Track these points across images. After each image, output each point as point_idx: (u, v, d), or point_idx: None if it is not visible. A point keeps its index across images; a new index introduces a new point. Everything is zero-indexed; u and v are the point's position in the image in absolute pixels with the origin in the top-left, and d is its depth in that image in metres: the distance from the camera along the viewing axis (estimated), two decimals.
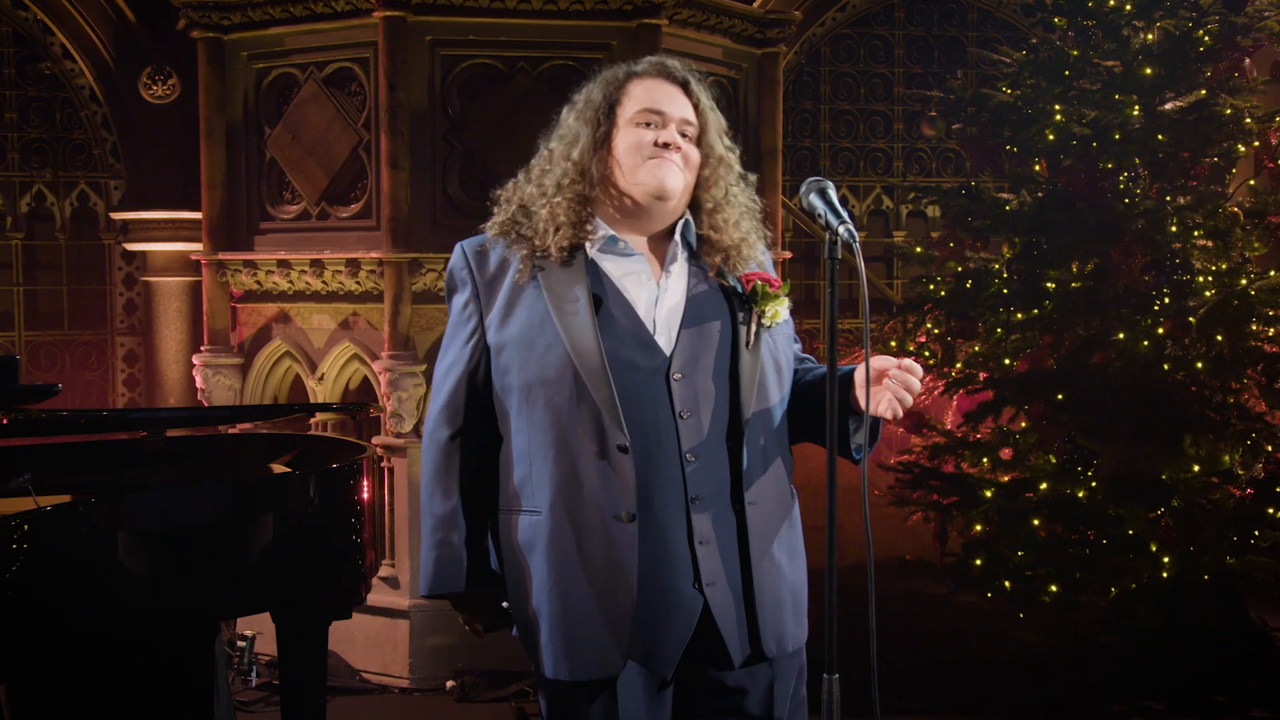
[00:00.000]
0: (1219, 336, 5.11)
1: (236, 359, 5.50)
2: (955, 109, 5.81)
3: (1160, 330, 5.12)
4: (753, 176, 2.45)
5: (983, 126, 5.66)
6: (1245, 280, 5.15)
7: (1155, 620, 5.11)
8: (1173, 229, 5.19)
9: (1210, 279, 5.21)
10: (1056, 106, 5.31)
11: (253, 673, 5.02)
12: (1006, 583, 5.27)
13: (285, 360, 5.51)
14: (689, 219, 2.36)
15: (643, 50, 4.95)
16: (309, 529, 3.54)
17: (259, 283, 5.40)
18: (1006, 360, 5.53)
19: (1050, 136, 5.31)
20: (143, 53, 7.51)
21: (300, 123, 5.28)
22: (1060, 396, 5.24)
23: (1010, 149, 5.58)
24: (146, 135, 7.58)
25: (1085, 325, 5.36)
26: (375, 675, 5.20)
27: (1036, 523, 5.23)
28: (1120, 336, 5.21)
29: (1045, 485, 5.31)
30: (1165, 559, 5.00)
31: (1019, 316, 5.40)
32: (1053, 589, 5.15)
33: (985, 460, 5.60)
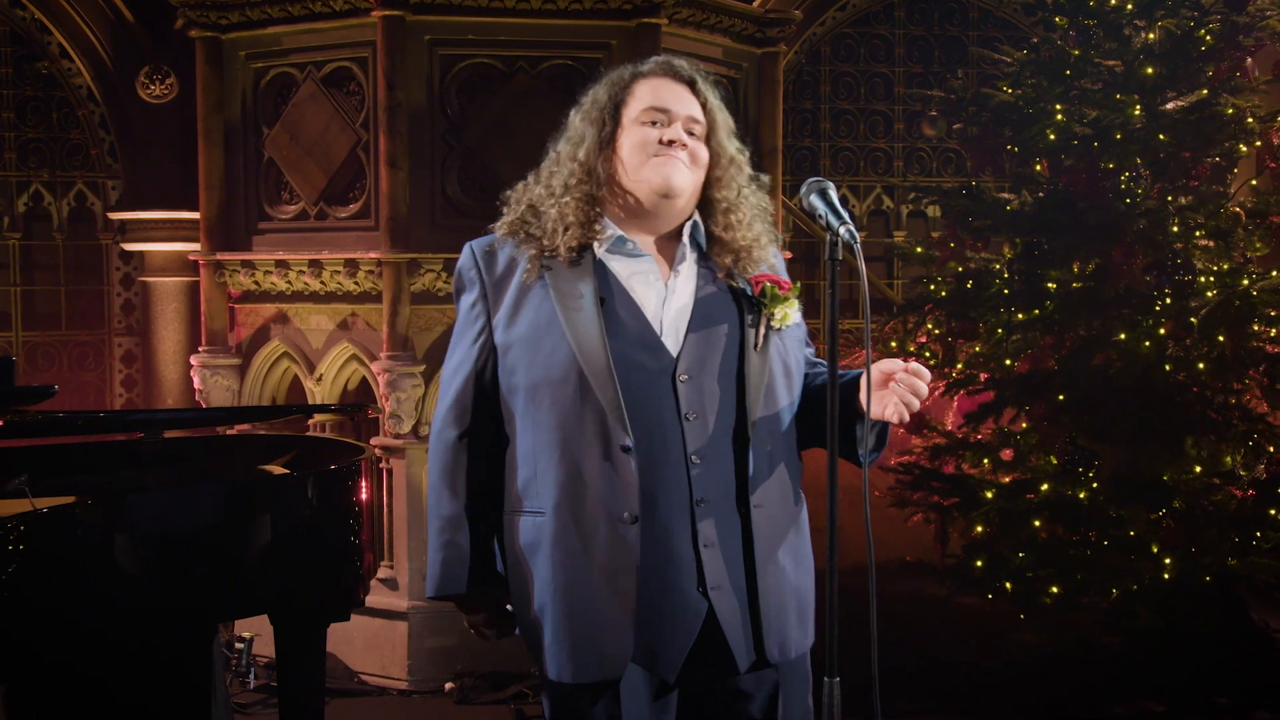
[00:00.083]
0: (1221, 337, 5.09)
1: (234, 360, 5.49)
2: (956, 108, 5.80)
3: (1162, 331, 5.11)
4: (765, 177, 2.43)
5: (983, 126, 5.65)
6: (1247, 280, 5.14)
7: (1157, 622, 5.09)
8: (1174, 229, 5.18)
9: (1212, 279, 5.20)
10: (1058, 106, 5.30)
11: (251, 674, 5.01)
12: (1007, 584, 5.26)
13: (283, 361, 5.49)
14: (698, 220, 2.34)
15: (642, 50, 4.95)
16: (307, 531, 3.53)
17: (257, 283, 5.38)
18: (1007, 361, 5.52)
19: (1051, 136, 5.29)
20: (141, 52, 7.49)
21: (298, 122, 5.26)
22: (1061, 397, 5.22)
23: (1011, 149, 5.57)
24: (144, 135, 7.56)
25: (1086, 326, 5.35)
26: (374, 677, 5.19)
27: (1037, 524, 5.22)
28: (1122, 337, 5.20)
29: (1046, 486, 5.30)
30: (1167, 560, 4.99)
31: (1020, 317, 5.39)
32: (1054, 590, 5.14)
33: (986, 461, 5.60)
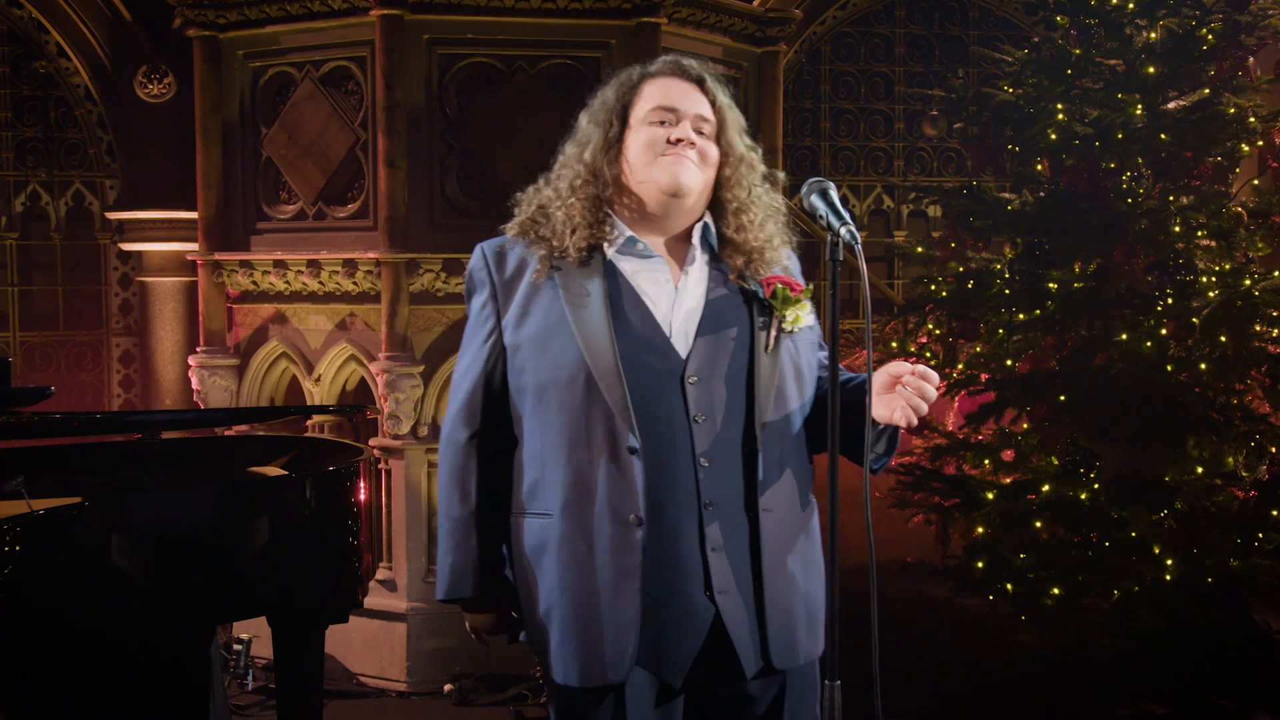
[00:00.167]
0: (1222, 337, 5.08)
1: (233, 360, 5.47)
2: (957, 108, 5.79)
3: (1163, 331, 5.09)
4: (780, 175, 2.40)
5: (984, 126, 5.63)
6: (1249, 281, 5.12)
7: (1158, 623, 5.08)
8: (1176, 229, 5.17)
9: (1214, 279, 5.18)
10: (1059, 105, 5.29)
11: (249, 676, 5.00)
12: (1008, 585, 5.25)
13: (282, 361, 5.48)
14: (708, 222, 2.33)
15: (642, 49, 4.93)
16: (305, 532, 3.52)
17: (255, 283, 5.37)
18: (1008, 361, 5.51)
19: (1052, 136, 5.28)
20: (138, 51, 7.47)
21: (297, 122, 5.25)
22: (1062, 398, 5.21)
23: (1012, 148, 5.56)
24: (142, 134, 7.53)
25: (1088, 326, 5.33)
26: (372, 679, 5.17)
27: (1038, 525, 5.21)
28: (1123, 337, 5.18)
29: (1047, 487, 5.29)
30: (1168, 561, 4.98)
31: (1021, 317, 5.38)
32: (1055, 591, 5.13)
33: (987, 462, 5.59)
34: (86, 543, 3.10)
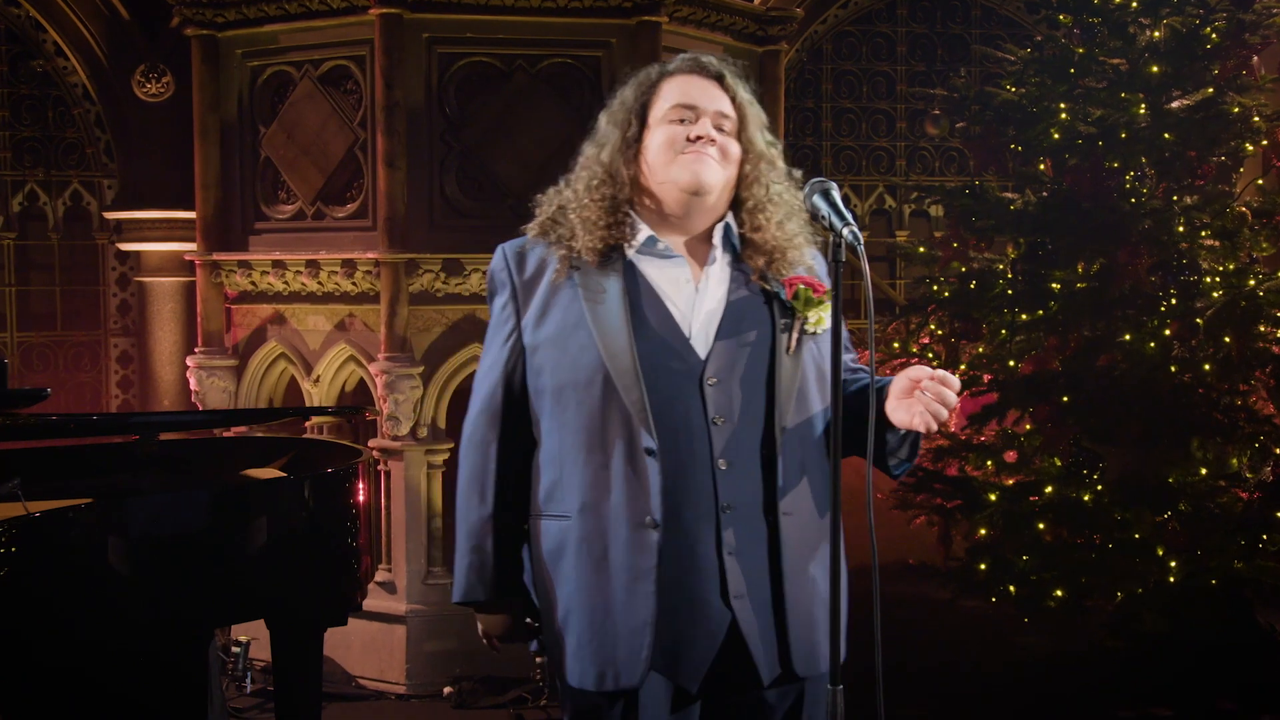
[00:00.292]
0: (1227, 338, 5.05)
1: (231, 361, 5.45)
2: (959, 107, 5.78)
3: (1167, 331, 5.07)
4: (797, 172, 2.36)
5: (987, 125, 5.62)
6: (1253, 281, 5.10)
7: (1162, 625, 5.05)
8: (1180, 229, 5.15)
9: (1217, 279, 5.16)
10: (1062, 105, 5.26)
11: (248, 679, 4.99)
12: (1011, 587, 5.22)
13: (280, 362, 5.46)
14: (729, 222, 2.30)
15: (642, 48, 4.92)
16: (304, 534, 3.51)
17: (254, 283, 5.35)
18: (1011, 362, 5.49)
19: (1055, 135, 5.26)
20: (136, 50, 7.46)
21: (295, 121, 5.22)
22: (1065, 399, 5.19)
23: (1015, 148, 5.54)
24: (140, 134, 7.52)
25: (1091, 326, 5.31)
26: (372, 681, 5.15)
27: (1042, 526, 5.18)
28: (1126, 338, 5.16)
29: (1050, 488, 5.26)
30: (1172, 563, 4.96)
31: (1024, 317, 5.36)
32: (1058, 593, 5.10)
33: (989, 463, 5.56)
34: (83, 545, 3.08)
